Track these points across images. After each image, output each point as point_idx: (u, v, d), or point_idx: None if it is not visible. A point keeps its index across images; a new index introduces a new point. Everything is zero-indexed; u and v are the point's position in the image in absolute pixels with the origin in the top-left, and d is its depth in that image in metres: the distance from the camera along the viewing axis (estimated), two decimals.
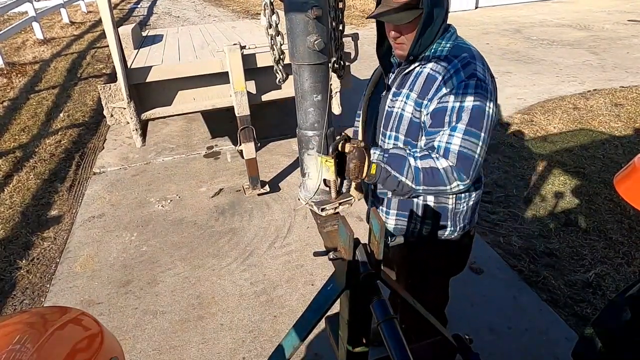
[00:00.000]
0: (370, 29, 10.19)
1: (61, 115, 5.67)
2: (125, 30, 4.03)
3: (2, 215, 3.59)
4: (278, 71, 1.30)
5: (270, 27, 1.20)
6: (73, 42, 9.97)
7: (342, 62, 1.56)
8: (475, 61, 1.31)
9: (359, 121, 1.63)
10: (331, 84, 1.26)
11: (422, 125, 1.35)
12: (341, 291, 1.13)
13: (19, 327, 0.73)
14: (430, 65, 1.34)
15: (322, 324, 1.25)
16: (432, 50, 1.35)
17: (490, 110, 1.29)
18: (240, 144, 3.45)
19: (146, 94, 3.22)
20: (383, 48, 1.49)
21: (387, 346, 0.95)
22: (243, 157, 3.59)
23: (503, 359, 2.17)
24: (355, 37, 3.38)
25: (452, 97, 1.27)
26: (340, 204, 1.34)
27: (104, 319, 2.51)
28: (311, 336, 1.80)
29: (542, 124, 4.72)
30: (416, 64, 1.37)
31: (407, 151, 1.33)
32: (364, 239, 1.12)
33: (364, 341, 1.25)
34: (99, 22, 11.51)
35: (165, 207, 3.63)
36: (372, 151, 1.33)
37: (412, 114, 1.35)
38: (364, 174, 1.29)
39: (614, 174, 1.18)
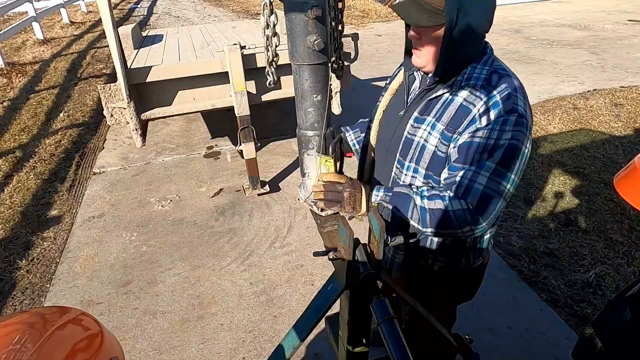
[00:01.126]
0: (370, 29, 10.19)
1: (61, 115, 5.67)
2: (125, 30, 4.03)
3: (2, 215, 3.59)
4: (269, 73, 1.29)
5: (268, 27, 1.20)
6: (73, 42, 9.97)
7: (341, 62, 1.48)
8: (517, 94, 1.15)
9: (369, 131, 1.47)
10: (331, 84, 1.25)
11: (448, 159, 1.19)
12: (341, 291, 1.13)
13: (19, 327, 0.73)
14: (463, 93, 1.17)
15: (322, 324, 1.25)
16: (466, 76, 1.18)
17: (526, 150, 1.15)
18: (240, 144, 3.45)
19: (146, 94, 3.21)
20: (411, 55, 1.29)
21: (387, 346, 0.95)
22: (243, 157, 3.59)
23: (503, 359, 2.17)
24: (355, 37, 3.38)
25: (486, 133, 1.11)
26: None
27: (104, 319, 2.51)
28: (311, 336, 1.80)
29: (542, 124, 4.72)
30: (445, 90, 1.19)
31: (415, 189, 1.20)
32: (364, 239, 1.12)
33: (364, 341, 1.25)
34: (99, 22, 11.51)
35: (165, 207, 3.63)
36: (375, 192, 1.24)
37: (436, 147, 1.20)
38: (362, 208, 1.22)
39: (614, 174, 1.19)
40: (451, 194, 1.14)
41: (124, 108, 3.00)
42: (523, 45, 8.02)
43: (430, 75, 1.22)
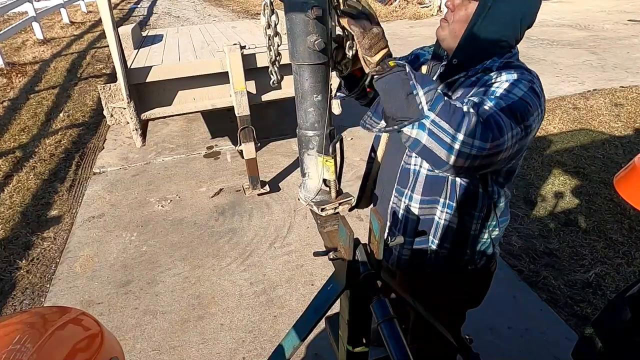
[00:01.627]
0: None
1: (61, 115, 5.67)
2: (125, 30, 4.03)
3: (2, 215, 3.59)
4: (273, 72, 1.29)
5: (269, 27, 1.19)
6: (73, 42, 9.97)
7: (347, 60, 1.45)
8: (534, 78, 1.16)
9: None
10: (331, 84, 1.25)
11: None
12: (341, 291, 1.13)
13: (19, 327, 0.73)
14: (477, 76, 1.20)
15: (322, 324, 1.25)
16: (485, 65, 1.20)
17: (534, 124, 1.11)
18: (240, 144, 3.45)
19: (146, 94, 3.21)
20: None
21: (387, 346, 0.95)
22: (243, 157, 3.59)
23: (503, 359, 2.17)
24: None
25: (498, 83, 1.11)
26: (340, 204, 1.33)
27: (104, 319, 2.51)
28: (311, 336, 1.80)
29: (542, 124, 4.72)
30: (462, 74, 1.22)
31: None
32: (364, 239, 1.12)
33: (364, 341, 1.25)
34: (99, 22, 11.52)
35: (165, 207, 3.63)
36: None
37: None
38: (375, 57, 1.05)
39: (614, 174, 1.19)
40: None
41: (124, 108, 3.00)
42: (523, 45, 7.97)
43: (453, 60, 1.22)
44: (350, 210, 1.37)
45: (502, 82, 1.12)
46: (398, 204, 1.38)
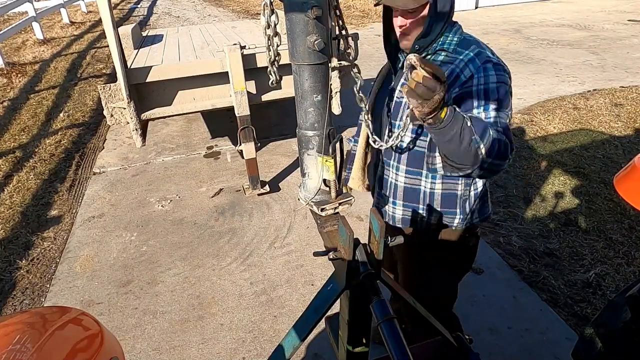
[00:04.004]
0: (370, 29, 10.19)
1: (61, 115, 5.67)
2: (125, 30, 4.03)
3: (2, 215, 3.59)
4: (272, 72, 1.29)
5: (269, 27, 1.20)
6: (73, 42, 9.97)
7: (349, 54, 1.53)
8: (486, 50, 1.35)
9: (366, 118, 1.53)
10: (331, 84, 1.25)
11: None
12: (341, 291, 1.13)
13: (19, 327, 0.73)
14: (440, 58, 1.36)
15: (322, 324, 1.25)
16: (440, 43, 1.36)
17: (510, 88, 1.32)
18: (240, 144, 3.45)
19: (146, 94, 3.21)
20: (391, 42, 1.50)
21: (387, 346, 0.95)
22: (243, 157, 3.59)
23: (503, 359, 2.17)
24: (355, 37, 3.38)
25: (474, 82, 1.29)
26: (340, 204, 1.34)
27: (104, 319, 2.51)
28: (311, 336, 1.80)
29: (542, 124, 4.72)
30: (423, 54, 1.36)
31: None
32: (364, 239, 1.12)
33: (364, 341, 1.25)
34: (99, 22, 11.52)
35: (165, 207, 3.63)
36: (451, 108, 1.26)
37: None
38: (434, 114, 1.10)
39: (614, 174, 1.18)
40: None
41: (124, 108, 3.00)
42: (523, 45, 8.01)
43: (414, 47, 1.37)
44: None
45: (477, 79, 1.29)
46: (391, 136, 1.40)
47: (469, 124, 1.15)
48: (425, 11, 1.30)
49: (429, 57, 1.38)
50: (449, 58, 1.35)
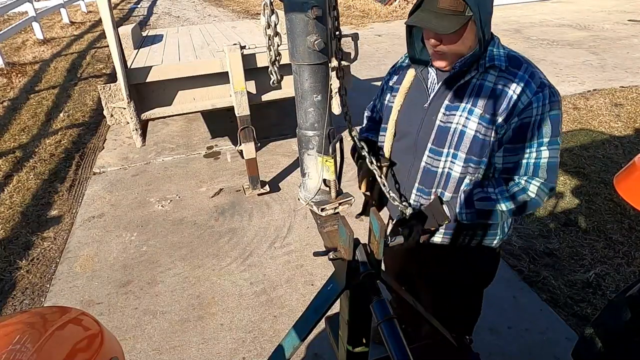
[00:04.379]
0: (370, 29, 10.18)
1: (61, 115, 5.67)
2: (125, 30, 4.03)
3: (2, 215, 3.59)
4: (273, 72, 1.29)
5: (269, 27, 1.19)
6: (73, 42, 9.97)
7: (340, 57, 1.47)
8: (536, 69, 1.27)
9: (383, 135, 1.49)
10: (331, 84, 1.25)
11: (493, 142, 1.27)
12: (341, 291, 1.13)
13: (19, 327, 0.73)
14: (490, 78, 1.26)
15: (322, 324, 1.25)
16: (488, 58, 1.25)
17: (561, 112, 1.28)
18: (240, 144, 3.45)
19: (146, 94, 3.21)
20: (416, 49, 1.36)
21: (387, 346, 0.95)
22: (243, 157, 3.59)
23: (503, 359, 2.17)
24: (355, 37, 3.38)
25: (532, 112, 1.23)
26: (340, 204, 1.33)
27: (104, 319, 2.51)
28: (311, 336, 1.80)
29: None
30: (472, 74, 1.27)
31: (494, 195, 1.29)
32: (364, 239, 1.12)
33: (364, 341, 1.25)
34: (99, 22, 11.51)
35: (165, 207, 3.63)
36: (457, 211, 1.33)
37: (477, 131, 1.26)
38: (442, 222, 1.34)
39: (614, 174, 1.19)
40: (524, 178, 1.28)
41: (124, 108, 3.00)
42: (523, 45, 8.01)
43: (455, 65, 1.27)
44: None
45: (535, 109, 1.23)
46: (434, 163, 1.36)
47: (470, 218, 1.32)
48: (469, 27, 1.18)
49: (474, 80, 1.27)
50: (502, 80, 1.25)
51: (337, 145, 1.27)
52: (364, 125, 1.71)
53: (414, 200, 1.45)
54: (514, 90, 1.23)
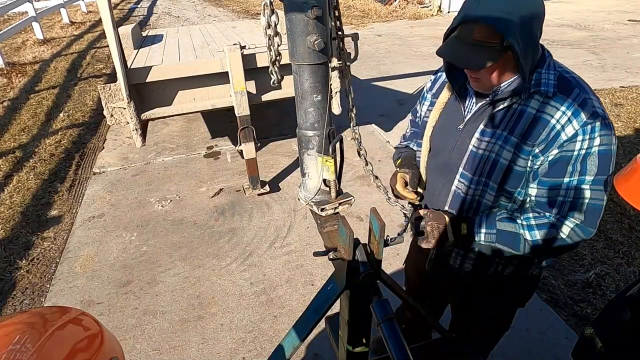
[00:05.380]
0: (370, 29, 10.19)
1: (61, 115, 5.67)
2: (125, 30, 4.03)
3: (2, 215, 3.59)
4: (273, 72, 1.29)
5: (269, 27, 1.19)
6: (73, 42, 9.97)
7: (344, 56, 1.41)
8: (591, 96, 1.12)
9: (419, 150, 1.43)
10: (331, 84, 1.25)
11: (529, 173, 1.17)
12: (341, 291, 1.13)
13: (19, 327, 0.73)
14: (534, 103, 1.13)
15: (322, 324, 1.25)
16: (534, 83, 1.13)
17: (615, 147, 1.12)
18: (240, 144, 3.45)
19: (146, 94, 3.21)
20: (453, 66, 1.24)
21: (387, 346, 0.95)
22: (243, 157, 3.59)
23: (503, 359, 2.17)
24: (355, 37, 3.37)
25: (577, 145, 1.09)
26: (340, 204, 1.33)
27: (104, 319, 2.51)
28: (311, 336, 1.80)
29: None
30: (514, 100, 1.15)
31: (520, 222, 1.17)
32: (364, 239, 1.12)
33: (364, 341, 1.25)
34: (99, 22, 11.51)
35: (165, 207, 3.63)
36: (475, 229, 1.22)
37: (512, 161, 1.16)
38: (449, 239, 1.23)
39: (614, 174, 1.18)
40: (557, 216, 1.13)
41: (124, 108, 3.00)
42: None
43: (496, 90, 1.18)
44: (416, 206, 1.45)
45: (581, 143, 1.09)
46: (465, 189, 1.28)
47: (493, 242, 1.20)
48: (507, 59, 1.08)
49: (515, 106, 1.15)
50: (548, 107, 1.11)
51: (337, 145, 1.27)
52: (407, 130, 1.64)
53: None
54: (558, 119, 1.10)
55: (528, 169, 1.16)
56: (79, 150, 4.75)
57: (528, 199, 1.21)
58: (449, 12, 11.65)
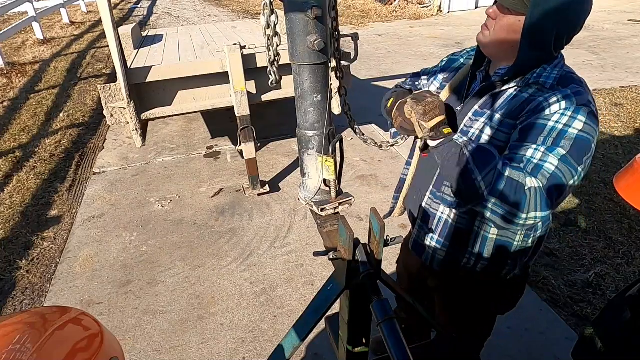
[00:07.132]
0: (370, 29, 10.18)
1: (61, 115, 5.67)
2: (125, 30, 4.03)
3: (2, 215, 3.59)
4: (272, 73, 1.29)
5: (269, 27, 1.19)
6: (73, 42, 9.97)
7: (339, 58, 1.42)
8: (588, 95, 1.13)
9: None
10: (331, 84, 1.25)
11: (508, 146, 1.16)
12: (341, 291, 1.13)
13: (19, 327, 0.73)
14: (530, 91, 1.15)
15: (322, 324, 1.25)
16: (535, 74, 1.15)
17: (594, 147, 1.10)
18: (240, 144, 3.45)
19: (146, 94, 3.21)
20: (477, 62, 1.30)
21: (387, 346, 0.95)
22: (243, 157, 3.59)
23: (503, 359, 2.17)
24: (355, 37, 3.38)
25: (556, 117, 1.08)
26: (340, 204, 1.33)
27: (104, 319, 2.51)
28: (311, 336, 1.80)
29: None
30: (511, 85, 1.18)
31: (499, 157, 1.12)
32: (364, 239, 1.12)
33: (364, 341, 1.25)
34: (99, 22, 11.51)
35: (165, 207, 3.63)
36: (459, 134, 1.21)
37: (492, 136, 1.18)
38: (432, 120, 1.14)
39: (614, 174, 1.18)
40: (525, 172, 1.06)
41: (124, 108, 3.00)
42: None
43: (498, 71, 1.22)
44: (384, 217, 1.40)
45: (561, 116, 1.07)
46: (432, 205, 1.34)
47: (467, 151, 1.11)
48: (514, 22, 1.11)
49: (511, 91, 1.18)
50: (540, 93, 1.13)
51: (337, 145, 1.27)
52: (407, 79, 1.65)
53: (425, 203, 1.39)
54: (546, 97, 1.11)
55: (509, 142, 1.16)
56: (79, 150, 4.75)
57: None
58: (449, 12, 11.66)
